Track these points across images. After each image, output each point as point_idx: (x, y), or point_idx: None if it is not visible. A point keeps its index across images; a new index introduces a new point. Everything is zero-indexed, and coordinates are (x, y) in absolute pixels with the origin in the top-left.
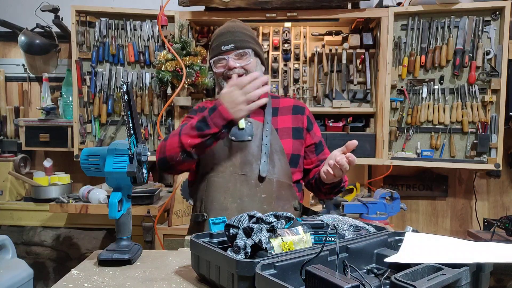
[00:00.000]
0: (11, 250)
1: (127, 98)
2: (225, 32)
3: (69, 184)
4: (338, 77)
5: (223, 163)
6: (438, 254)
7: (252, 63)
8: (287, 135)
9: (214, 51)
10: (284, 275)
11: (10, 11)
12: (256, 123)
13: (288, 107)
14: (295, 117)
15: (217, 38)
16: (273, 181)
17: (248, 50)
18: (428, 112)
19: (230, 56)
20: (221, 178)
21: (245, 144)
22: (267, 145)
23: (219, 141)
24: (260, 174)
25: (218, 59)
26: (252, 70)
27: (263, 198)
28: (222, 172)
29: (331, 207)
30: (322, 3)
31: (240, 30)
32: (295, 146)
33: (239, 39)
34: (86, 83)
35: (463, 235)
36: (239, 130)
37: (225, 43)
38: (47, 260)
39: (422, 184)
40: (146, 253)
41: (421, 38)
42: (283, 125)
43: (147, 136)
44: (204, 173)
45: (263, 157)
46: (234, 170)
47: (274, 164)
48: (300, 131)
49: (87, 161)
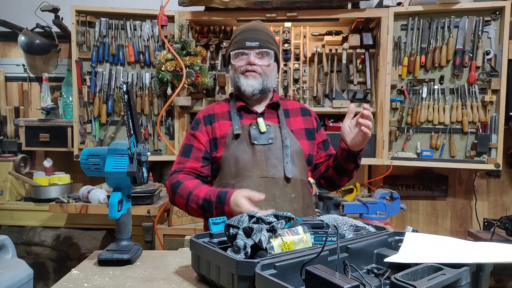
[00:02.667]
0: (11, 250)
1: (127, 98)
2: (252, 29)
3: (69, 184)
4: (338, 77)
5: (249, 168)
6: (438, 254)
7: (271, 66)
8: (302, 136)
9: (237, 44)
10: (284, 275)
11: (10, 11)
12: (274, 125)
13: (297, 109)
14: (305, 118)
15: (242, 32)
16: (298, 181)
17: (270, 51)
18: (428, 112)
19: (253, 52)
20: (250, 183)
21: (268, 147)
22: (288, 146)
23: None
24: (286, 175)
25: (240, 52)
26: (269, 72)
27: (293, 198)
28: (250, 176)
29: (331, 207)
30: (322, 3)
31: (266, 31)
32: (310, 146)
33: (264, 39)
34: (86, 83)
35: (463, 235)
36: (260, 134)
37: (251, 39)
38: (47, 260)
39: (422, 184)
40: (146, 253)
41: (421, 38)
42: (296, 126)
43: (147, 136)
44: (227, 180)
45: (286, 158)
46: (262, 173)
47: (295, 164)
48: (312, 132)
49: (87, 161)
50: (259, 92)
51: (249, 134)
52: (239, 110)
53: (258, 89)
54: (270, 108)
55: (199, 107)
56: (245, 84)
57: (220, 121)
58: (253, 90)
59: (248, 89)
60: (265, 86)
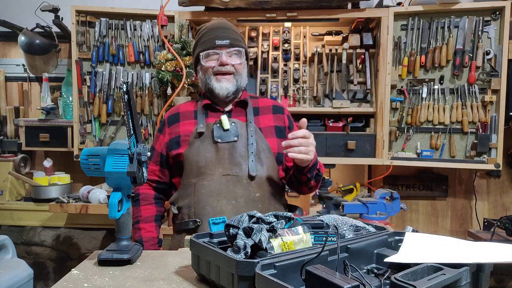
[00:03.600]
0: (11, 250)
1: (127, 98)
2: (220, 27)
3: (69, 184)
4: (338, 77)
5: (211, 166)
6: (438, 254)
7: (242, 64)
8: (270, 134)
9: (206, 44)
10: (284, 275)
11: (10, 11)
12: (240, 123)
13: (268, 107)
14: (276, 116)
15: (210, 31)
16: (264, 180)
17: (241, 50)
18: (428, 112)
19: (224, 52)
20: (211, 181)
21: (232, 145)
22: (253, 144)
23: (204, 144)
24: (250, 173)
25: (210, 53)
26: (241, 71)
27: (258, 197)
28: (212, 175)
29: (331, 207)
30: (322, 3)
31: (233, 28)
32: (279, 144)
33: (234, 37)
34: (86, 83)
35: (463, 235)
36: (224, 131)
37: (221, 38)
38: (47, 260)
39: (422, 184)
40: (146, 253)
41: (421, 38)
42: (266, 124)
43: (147, 136)
44: (189, 179)
45: (251, 156)
46: (224, 171)
47: (262, 163)
48: (283, 130)
49: (87, 161)
50: (233, 93)
51: (212, 132)
52: (206, 109)
53: (232, 91)
54: (238, 106)
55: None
56: (218, 87)
57: (184, 120)
58: (227, 92)
59: (222, 92)
60: (239, 85)
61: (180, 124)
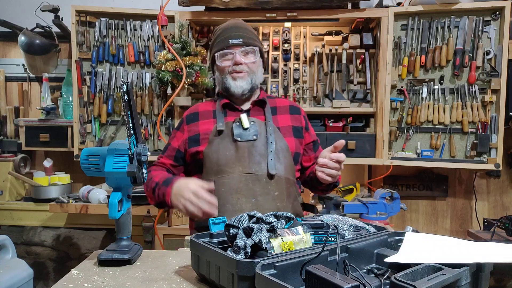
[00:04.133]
0: (11, 250)
1: (127, 98)
2: (233, 27)
3: (69, 184)
4: (338, 77)
5: (231, 164)
6: (438, 254)
7: (257, 62)
8: (289, 134)
9: (220, 44)
10: (284, 275)
11: (10, 11)
12: (259, 122)
13: (285, 107)
14: (293, 116)
15: (224, 31)
16: (282, 179)
17: (255, 48)
18: (428, 112)
19: (238, 51)
20: (231, 180)
21: (251, 144)
22: (273, 143)
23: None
24: (269, 172)
25: (224, 53)
26: (256, 69)
27: (276, 196)
28: (231, 173)
29: (331, 207)
30: (322, 3)
31: (247, 27)
32: (296, 144)
33: (248, 36)
34: (86, 83)
35: (463, 235)
36: (244, 130)
37: (234, 37)
38: (47, 260)
39: (422, 184)
40: (146, 253)
41: (421, 38)
42: (284, 123)
43: (147, 136)
44: (209, 177)
45: (270, 155)
46: (244, 170)
47: (280, 162)
48: (300, 130)
49: (87, 161)
50: (248, 91)
51: (231, 131)
52: (224, 108)
53: (247, 89)
54: (256, 105)
55: None
56: (233, 86)
57: (203, 119)
58: (243, 91)
59: (237, 90)
60: (254, 84)
61: (199, 123)
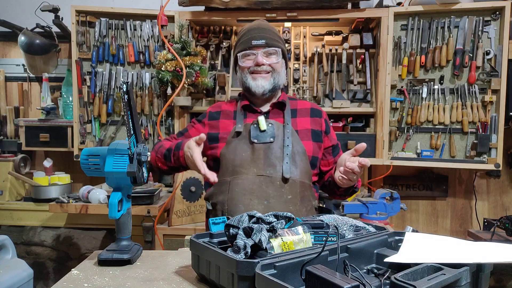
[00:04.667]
0: (11, 250)
1: (127, 98)
2: (257, 28)
3: (69, 184)
4: (338, 77)
5: (246, 165)
6: (438, 254)
7: (280, 63)
8: (307, 137)
9: (243, 45)
10: (284, 275)
11: (10, 11)
12: (277, 124)
13: (306, 110)
14: (313, 119)
15: (247, 32)
16: (297, 182)
17: (277, 49)
18: (428, 112)
19: (260, 52)
20: (245, 180)
21: (268, 146)
22: (289, 146)
23: (241, 144)
24: (283, 175)
25: (247, 53)
26: (278, 69)
27: (289, 199)
28: (246, 174)
29: (331, 207)
30: (322, 3)
31: (271, 29)
32: (314, 148)
33: (270, 37)
34: (86, 83)
35: (463, 235)
36: (261, 132)
37: (257, 38)
38: (47, 260)
39: (422, 184)
40: (146, 253)
41: (421, 38)
42: (303, 127)
43: (147, 136)
44: (225, 177)
45: (286, 158)
46: (258, 171)
47: (296, 165)
48: (319, 134)
49: (87, 161)
50: (269, 91)
51: (249, 132)
52: (244, 109)
53: (268, 88)
54: (276, 108)
55: (199, 107)
56: (254, 86)
57: (224, 119)
58: (264, 90)
59: (258, 90)
60: (276, 83)
61: (220, 121)
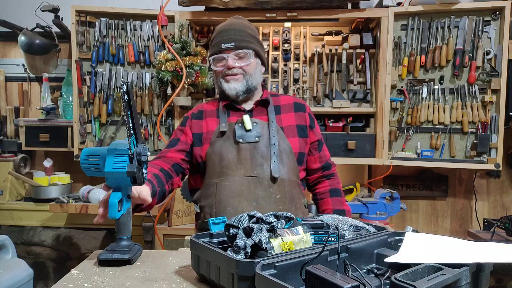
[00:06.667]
0: (11, 250)
1: (127, 98)
2: (227, 29)
3: (69, 184)
4: (338, 77)
5: (233, 167)
6: (438, 254)
7: (252, 64)
8: (292, 134)
9: (214, 48)
10: (284, 275)
11: (10, 11)
12: (261, 122)
13: (290, 105)
14: (297, 114)
15: (218, 34)
16: (285, 181)
17: (248, 51)
18: (428, 112)
19: (230, 55)
20: (232, 182)
21: (254, 146)
22: (276, 145)
23: (226, 144)
24: (272, 174)
25: (218, 57)
26: (251, 71)
27: (278, 199)
28: (233, 176)
29: None
30: (322, 3)
31: (242, 28)
32: (301, 144)
33: (240, 38)
34: (86, 83)
35: (463, 235)
36: (246, 132)
37: (226, 41)
38: (47, 260)
39: (422, 184)
40: (146, 253)
41: (421, 38)
42: (288, 123)
43: (147, 136)
44: (211, 179)
45: (273, 157)
46: (246, 172)
47: (283, 163)
48: (304, 130)
49: (87, 161)
50: (243, 93)
51: (234, 132)
52: (227, 108)
53: (242, 90)
54: (259, 105)
55: None
56: (227, 88)
57: (208, 118)
58: (237, 92)
59: (231, 92)
60: (250, 85)
61: (203, 121)
